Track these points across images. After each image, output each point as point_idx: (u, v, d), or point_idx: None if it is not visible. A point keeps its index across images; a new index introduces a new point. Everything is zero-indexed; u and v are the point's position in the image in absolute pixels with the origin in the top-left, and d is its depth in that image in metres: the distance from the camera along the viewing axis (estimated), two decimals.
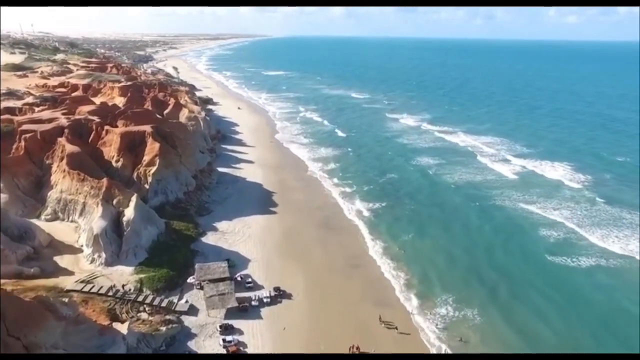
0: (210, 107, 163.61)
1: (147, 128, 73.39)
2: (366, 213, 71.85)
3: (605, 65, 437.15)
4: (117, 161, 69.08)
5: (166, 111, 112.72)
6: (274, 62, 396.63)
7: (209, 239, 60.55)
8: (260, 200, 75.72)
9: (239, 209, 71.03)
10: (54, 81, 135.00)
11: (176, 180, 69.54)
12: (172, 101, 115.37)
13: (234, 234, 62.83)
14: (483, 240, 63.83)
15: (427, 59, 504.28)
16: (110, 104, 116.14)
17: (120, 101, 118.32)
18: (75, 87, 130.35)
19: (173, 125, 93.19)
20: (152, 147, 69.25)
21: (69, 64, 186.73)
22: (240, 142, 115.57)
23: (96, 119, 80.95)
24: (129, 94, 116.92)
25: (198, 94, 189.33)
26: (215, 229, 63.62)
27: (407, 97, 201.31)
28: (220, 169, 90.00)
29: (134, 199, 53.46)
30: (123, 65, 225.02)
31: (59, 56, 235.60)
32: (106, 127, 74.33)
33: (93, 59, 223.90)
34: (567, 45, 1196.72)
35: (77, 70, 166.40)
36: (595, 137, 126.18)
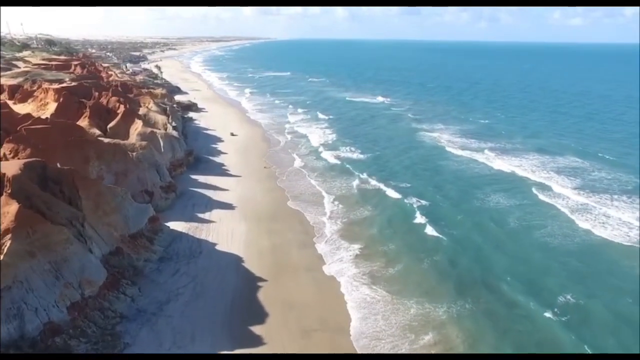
0: (192, 114, 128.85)
1: (13, 166, 37.60)
2: (432, 339, 35.79)
3: (621, 67, 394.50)
4: None
5: (111, 124, 77.44)
6: (275, 63, 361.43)
7: None
8: (234, 306, 39.33)
9: (187, 335, 35.18)
10: None
11: (54, 284, 33.47)
12: (121, 109, 79.83)
13: None
14: None
15: (433, 60, 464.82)
16: (32, 113, 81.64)
17: (54, 108, 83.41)
18: None
19: (103, 150, 57.81)
20: (3, 213, 33.39)
21: (17, 60, 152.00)
22: (220, 169, 79.77)
23: None
24: (61, 99, 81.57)
25: (183, 97, 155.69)
26: None
27: (418, 101, 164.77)
28: (175, 225, 53.99)
29: None
30: (97, 63, 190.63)
31: (24, 53, 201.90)
32: None
33: (61, 57, 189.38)
34: (574, 47, 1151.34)
35: (24, 67, 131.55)
36: None
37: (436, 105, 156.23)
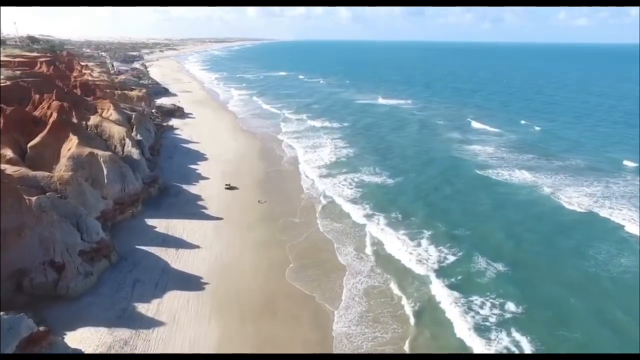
0: (174, 122, 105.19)
1: None
2: None
3: (635, 67, 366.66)
4: None
5: (33, 142, 53.45)
6: (277, 63, 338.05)
7: None
8: None
9: None
10: None
11: None
12: (54, 118, 55.72)
13: None
14: None
15: (438, 61, 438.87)
16: None
17: None
18: None
19: None
20: None
21: None
22: (194, 206, 55.36)
23: None
24: None
25: (169, 100, 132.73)
26: None
27: (428, 104, 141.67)
28: (88, 336, 29.63)
29: None
30: (75, 61, 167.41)
31: None
32: None
33: (32, 54, 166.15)
34: (580, 47, 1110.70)
35: None
36: None
37: (449, 108, 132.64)
